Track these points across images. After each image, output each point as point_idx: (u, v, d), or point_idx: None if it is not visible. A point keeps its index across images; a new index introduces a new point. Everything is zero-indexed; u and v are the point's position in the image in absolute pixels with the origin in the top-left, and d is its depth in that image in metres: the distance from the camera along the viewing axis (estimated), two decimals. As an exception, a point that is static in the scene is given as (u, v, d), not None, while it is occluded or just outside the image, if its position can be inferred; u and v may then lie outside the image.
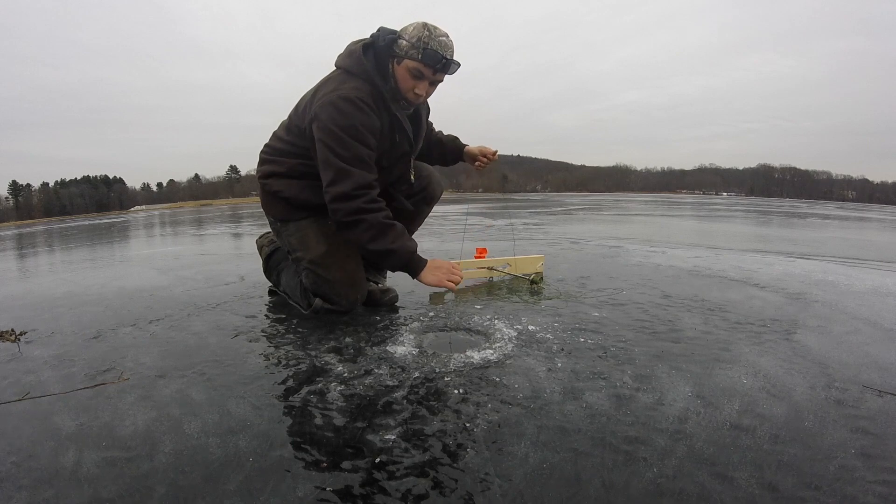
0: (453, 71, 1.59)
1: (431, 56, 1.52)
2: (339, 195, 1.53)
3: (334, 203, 1.55)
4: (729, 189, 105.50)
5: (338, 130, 1.51)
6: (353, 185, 1.52)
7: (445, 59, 1.53)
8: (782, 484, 0.77)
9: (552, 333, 1.45)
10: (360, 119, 1.52)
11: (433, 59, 1.52)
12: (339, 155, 1.52)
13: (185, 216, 14.72)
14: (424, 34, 1.52)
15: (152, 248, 4.91)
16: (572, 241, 3.94)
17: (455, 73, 1.61)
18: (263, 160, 1.79)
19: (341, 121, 1.51)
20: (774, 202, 27.46)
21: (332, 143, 1.52)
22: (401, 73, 1.57)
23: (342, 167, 1.52)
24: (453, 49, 1.57)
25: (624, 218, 7.96)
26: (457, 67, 1.59)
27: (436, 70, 1.55)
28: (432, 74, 1.57)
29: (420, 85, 1.58)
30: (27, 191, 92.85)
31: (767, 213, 11.35)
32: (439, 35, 1.53)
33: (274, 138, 1.78)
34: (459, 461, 0.84)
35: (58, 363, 1.33)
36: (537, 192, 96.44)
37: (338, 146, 1.52)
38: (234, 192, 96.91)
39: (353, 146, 1.52)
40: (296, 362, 1.28)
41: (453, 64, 1.57)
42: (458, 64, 1.58)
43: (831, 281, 2.26)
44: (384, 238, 1.56)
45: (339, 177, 1.53)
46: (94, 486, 0.79)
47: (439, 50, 1.52)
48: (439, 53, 1.52)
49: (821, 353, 1.31)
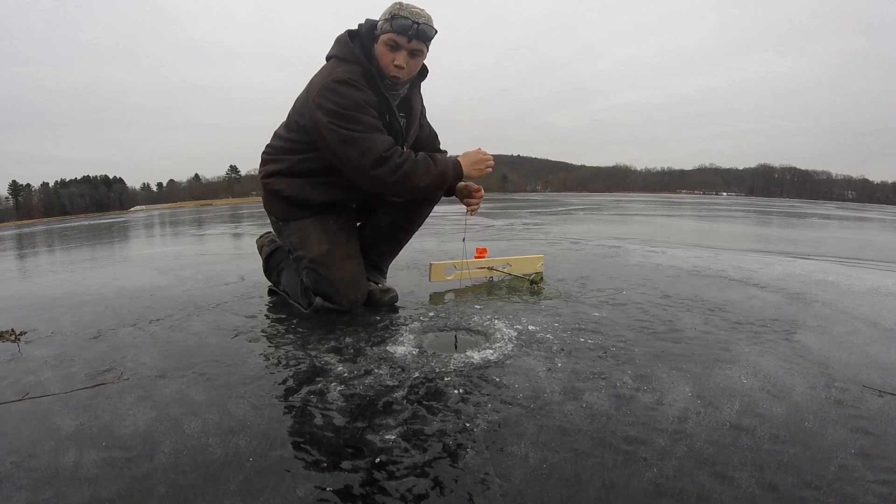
0: (430, 36, 1.58)
1: (401, 24, 1.51)
2: (372, 162, 1.52)
3: (372, 171, 1.53)
4: (729, 189, 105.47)
5: (342, 110, 1.51)
6: (381, 148, 1.52)
7: (417, 24, 1.52)
8: (782, 484, 0.77)
9: (552, 333, 1.45)
10: (360, 96, 1.53)
11: (403, 26, 1.52)
12: (354, 129, 1.52)
13: (185, 216, 14.71)
14: (395, 7, 1.53)
15: (152, 248, 4.91)
16: (572, 241, 3.94)
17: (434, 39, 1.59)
18: (265, 160, 1.79)
19: (343, 101, 1.52)
20: (774, 202, 27.46)
21: (342, 122, 1.52)
22: (379, 50, 1.58)
23: (363, 137, 1.52)
24: (428, 17, 1.56)
25: (624, 218, 7.96)
26: (433, 32, 1.57)
27: (410, 38, 1.54)
28: (407, 43, 1.55)
29: (398, 56, 1.57)
30: (27, 191, 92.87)
31: (767, 213, 11.35)
32: (411, 7, 1.54)
33: (275, 138, 1.78)
34: (459, 461, 0.84)
35: (58, 363, 1.33)
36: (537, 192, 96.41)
37: (348, 123, 1.52)
38: (234, 193, 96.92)
39: (362, 118, 1.53)
40: (296, 362, 1.28)
41: (428, 29, 1.55)
42: (434, 29, 1.57)
43: (831, 281, 2.26)
44: (428, 171, 1.57)
45: (365, 147, 1.52)
46: (94, 486, 0.79)
47: (410, 17, 1.52)
48: (410, 19, 1.52)
49: (821, 353, 1.31)
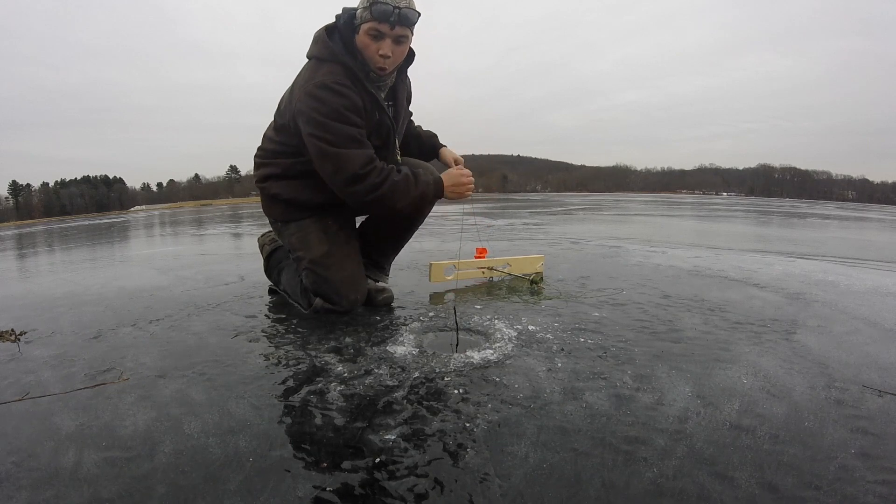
0: (413, 20, 1.51)
1: (381, 10, 1.45)
2: (347, 180, 1.51)
3: (347, 188, 1.52)
4: (729, 189, 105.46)
5: (322, 118, 1.49)
6: (357, 165, 1.49)
7: (398, 9, 1.46)
8: (782, 484, 0.77)
9: (552, 333, 1.45)
10: (341, 102, 1.50)
11: (384, 12, 1.45)
12: (332, 142, 1.49)
13: (185, 216, 14.71)
14: None
15: (152, 248, 4.91)
16: (572, 241, 3.94)
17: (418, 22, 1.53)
18: (258, 164, 1.77)
19: (323, 108, 1.49)
20: (774, 202, 27.46)
21: (321, 132, 1.50)
22: (362, 41, 1.53)
23: (338, 153, 1.49)
24: (411, 1, 1.49)
25: (624, 218, 7.96)
26: (416, 15, 1.51)
27: (392, 24, 1.48)
28: (390, 30, 1.50)
29: (383, 45, 1.51)
30: (27, 191, 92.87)
31: (767, 213, 11.35)
32: None
33: (265, 140, 1.76)
34: (459, 461, 0.84)
35: (58, 363, 1.33)
36: (537, 192, 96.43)
37: (327, 134, 1.49)
38: (234, 193, 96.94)
39: (341, 129, 1.50)
40: (296, 362, 1.28)
41: (409, 12, 1.48)
42: (417, 11, 1.51)
43: (831, 281, 2.26)
44: (407, 192, 1.56)
45: (339, 164, 1.50)
46: (94, 486, 0.79)
47: (390, 2, 1.45)
48: (390, 4, 1.45)
49: (821, 353, 1.31)
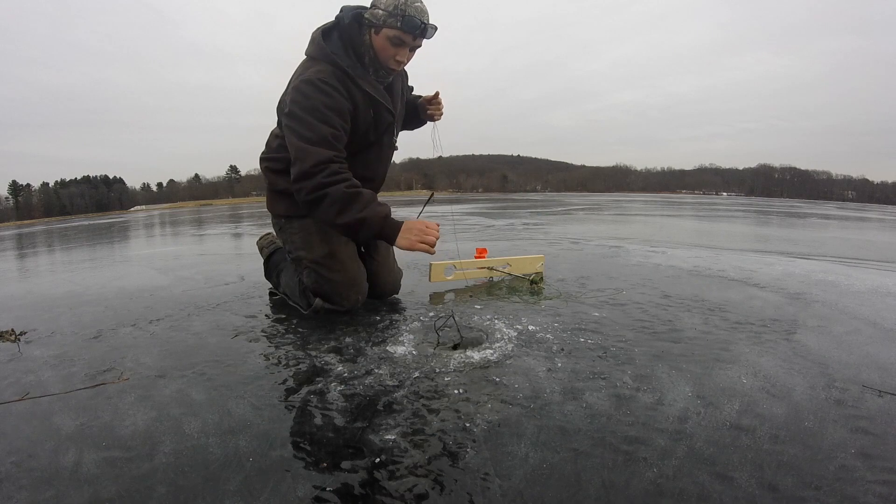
0: (431, 35, 1.58)
1: (411, 22, 1.51)
2: (298, 174, 1.51)
3: (295, 183, 1.53)
4: (729, 189, 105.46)
5: (301, 112, 1.51)
6: (312, 162, 1.49)
7: (424, 24, 1.53)
8: (782, 484, 0.77)
9: (552, 333, 1.45)
10: (322, 100, 1.51)
11: (413, 25, 1.51)
12: (302, 136, 1.51)
13: (185, 216, 14.70)
14: (403, 4, 1.51)
15: (152, 248, 4.91)
16: (572, 241, 3.94)
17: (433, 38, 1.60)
18: (264, 158, 1.80)
19: (304, 103, 1.51)
20: (774, 202, 27.46)
21: (295, 125, 1.52)
22: (380, 43, 1.56)
23: (302, 147, 1.50)
24: (428, 13, 1.56)
25: (624, 218, 7.96)
26: (434, 31, 1.58)
27: (416, 36, 1.55)
28: (412, 41, 1.56)
29: (401, 52, 1.57)
30: (27, 191, 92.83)
31: (767, 213, 11.34)
32: (417, 4, 1.53)
33: (271, 137, 1.80)
34: (459, 461, 0.84)
35: (58, 363, 1.33)
36: (537, 192, 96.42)
37: (301, 128, 1.51)
38: (234, 193, 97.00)
39: (316, 126, 1.51)
40: (296, 362, 1.28)
41: (431, 28, 1.56)
42: (436, 27, 1.58)
43: (831, 281, 2.26)
44: (351, 208, 1.48)
45: (298, 156, 1.51)
46: (94, 486, 0.79)
47: (417, 15, 1.51)
48: (417, 19, 1.51)
49: (821, 353, 1.31)
